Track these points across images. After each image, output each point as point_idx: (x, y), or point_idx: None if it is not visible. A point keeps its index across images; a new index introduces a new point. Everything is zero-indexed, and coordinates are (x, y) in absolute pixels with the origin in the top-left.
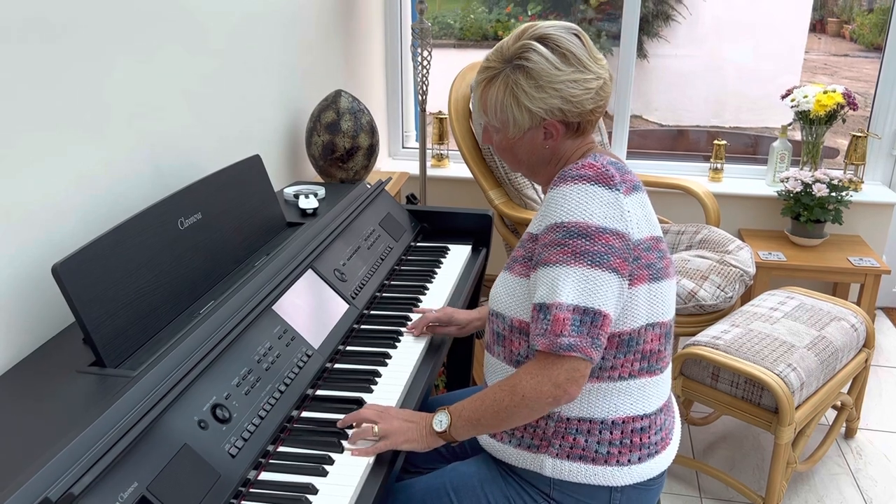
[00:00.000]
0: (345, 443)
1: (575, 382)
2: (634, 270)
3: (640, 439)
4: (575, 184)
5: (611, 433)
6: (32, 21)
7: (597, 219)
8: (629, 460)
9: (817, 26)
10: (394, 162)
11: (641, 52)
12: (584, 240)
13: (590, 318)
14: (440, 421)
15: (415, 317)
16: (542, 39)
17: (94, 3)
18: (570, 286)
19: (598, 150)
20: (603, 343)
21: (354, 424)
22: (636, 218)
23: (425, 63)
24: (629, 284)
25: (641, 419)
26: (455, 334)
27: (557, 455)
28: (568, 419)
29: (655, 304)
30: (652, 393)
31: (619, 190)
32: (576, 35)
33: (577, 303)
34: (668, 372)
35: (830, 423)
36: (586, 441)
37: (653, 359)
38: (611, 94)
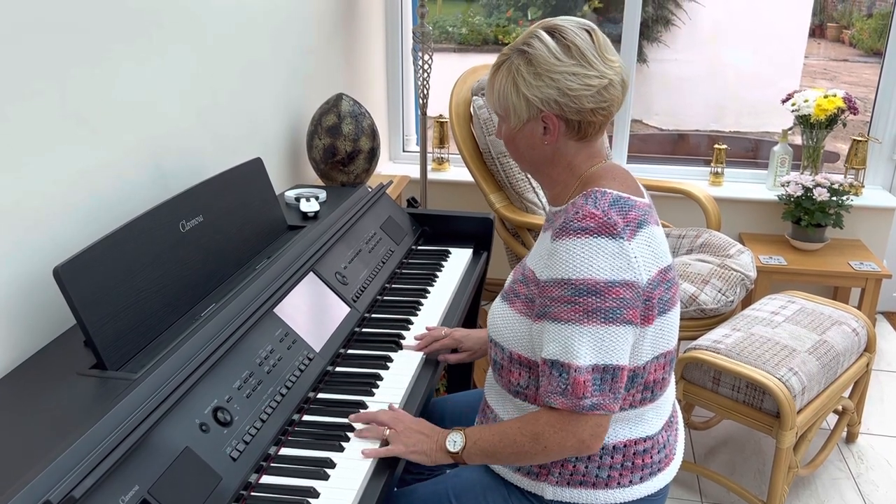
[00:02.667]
0: (352, 435)
1: (598, 438)
2: (645, 312)
3: (643, 460)
4: (578, 237)
5: (612, 458)
6: (36, 21)
7: (604, 273)
8: (630, 481)
9: (816, 31)
10: (394, 165)
11: (641, 57)
12: (594, 297)
13: (609, 374)
14: (454, 441)
15: (416, 320)
16: (550, 30)
17: (97, 4)
18: (586, 346)
19: (606, 171)
20: (622, 392)
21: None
22: (643, 260)
23: (426, 66)
24: (641, 325)
25: (644, 441)
26: (466, 360)
27: (557, 483)
28: None
29: (661, 336)
30: (655, 415)
31: (622, 237)
32: (588, 31)
33: (596, 362)
34: (672, 388)
35: (832, 428)
36: (586, 468)
37: (657, 387)
38: (620, 99)
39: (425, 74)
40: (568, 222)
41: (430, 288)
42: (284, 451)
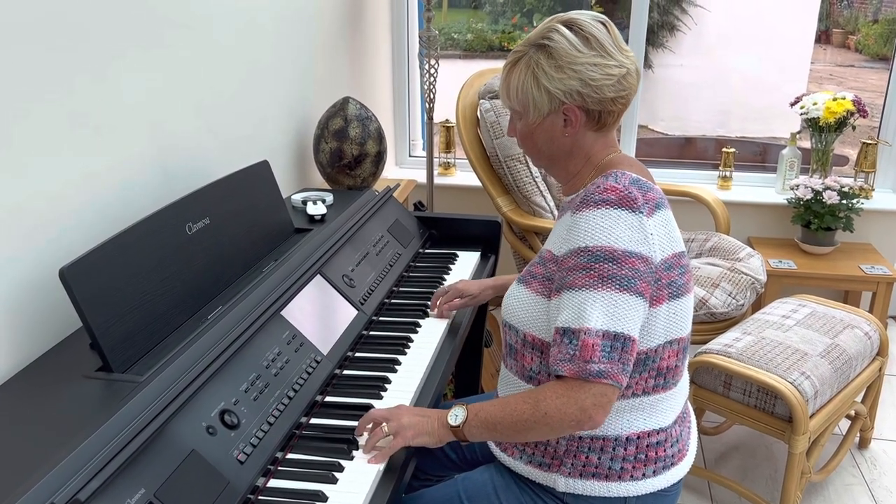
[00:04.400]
0: (357, 453)
1: (602, 409)
2: (655, 292)
3: (656, 453)
4: (598, 208)
5: (625, 449)
6: (41, 24)
7: (622, 243)
8: (644, 474)
9: (822, 37)
10: (401, 170)
11: (647, 63)
12: (610, 264)
13: (620, 343)
14: (455, 415)
15: (424, 323)
16: (568, 23)
17: (105, 6)
18: (598, 311)
19: (622, 159)
20: (630, 367)
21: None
22: (659, 239)
23: (432, 71)
24: (650, 306)
25: (657, 433)
26: (471, 304)
27: (570, 474)
28: (580, 438)
29: (674, 321)
30: (667, 406)
31: (642, 212)
32: (602, 23)
33: (607, 328)
34: (685, 382)
35: (844, 433)
36: (599, 458)
37: (669, 374)
38: (636, 87)
39: (431, 79)
40: (589, 195)
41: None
42: (292, 454)
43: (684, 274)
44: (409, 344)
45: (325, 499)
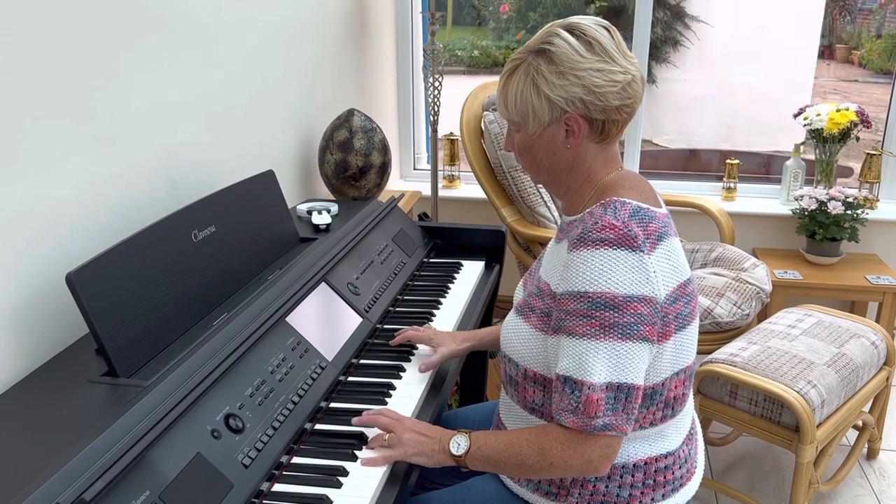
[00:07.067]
0: (361, 458)
1: (607, 459)
2: (662, 329)
3: (664, 477)
4: (596, 249)
5: (633, 476)
6: (51, 32)
7: (623, 287)
8: (653, 499)
9: (825, 53)
10: (405, 183)
11: (650, 78)
12: (611, 311)
13: (624, 394)
14: (458, 444)
15: None
16: (569, 27)
17: (111, 14)
18: (601, 363)
19: (623, 179)
20: (635, 413)
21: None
22: (663, 275)
23: (437, 84)
24: (657, 343)
25: (665, 458)
26: (435, 362)
27: (577, 503)
28: None
29: (680, 351)
30: (675, 430)
31: (643, 251)
32: (606, 28)
33: (610, 380)
34: (691, 402)
35: (852, 444)
36: (607, 487)
37: (677, 403)
38: (641, 95)
39: (436, 92)
40: (586, 233)
41: (442, 299)
42: (297, 459)
43: (690, 301)
44: (414, 352)
45: (330, 503)
